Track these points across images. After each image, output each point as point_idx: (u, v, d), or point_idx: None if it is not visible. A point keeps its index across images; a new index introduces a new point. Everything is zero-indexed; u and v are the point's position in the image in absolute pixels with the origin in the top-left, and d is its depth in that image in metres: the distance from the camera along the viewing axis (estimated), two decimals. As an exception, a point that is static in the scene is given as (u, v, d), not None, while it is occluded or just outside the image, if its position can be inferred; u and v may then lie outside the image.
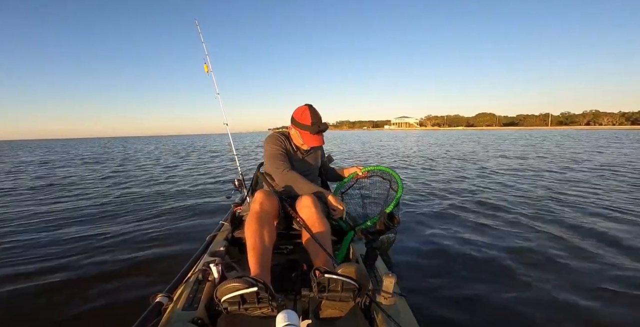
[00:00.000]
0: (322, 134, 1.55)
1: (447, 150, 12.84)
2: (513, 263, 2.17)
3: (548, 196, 4.13)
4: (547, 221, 3.06)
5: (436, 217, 3.30)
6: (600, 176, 5.59)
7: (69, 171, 8.67)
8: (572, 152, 10.38)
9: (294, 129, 1.57)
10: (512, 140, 20.36)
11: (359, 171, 1.77)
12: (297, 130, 1.55)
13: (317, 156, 1.75)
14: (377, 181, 1.80)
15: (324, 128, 1.51)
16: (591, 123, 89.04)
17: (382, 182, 1.76)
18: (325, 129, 1.52)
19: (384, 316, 0.95)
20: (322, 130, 1.52)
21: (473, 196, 4.21)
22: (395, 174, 1.68)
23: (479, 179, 5.65)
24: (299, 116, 1.53)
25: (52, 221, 3.45)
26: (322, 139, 1.56)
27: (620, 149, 11.21)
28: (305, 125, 1.50)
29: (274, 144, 1.59)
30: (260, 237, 1.20)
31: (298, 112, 1.55)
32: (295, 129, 1.57)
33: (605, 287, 1.85)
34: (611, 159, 8.18)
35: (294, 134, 1.61)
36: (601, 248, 2.39)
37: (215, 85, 2.64)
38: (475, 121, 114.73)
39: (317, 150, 1.75)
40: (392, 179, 1.68)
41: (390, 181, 1.70)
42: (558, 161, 8.03)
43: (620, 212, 3.30)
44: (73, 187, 5.75)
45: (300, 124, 1.52)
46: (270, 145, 1.60)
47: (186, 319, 0.94)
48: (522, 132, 46.63)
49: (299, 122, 1.53)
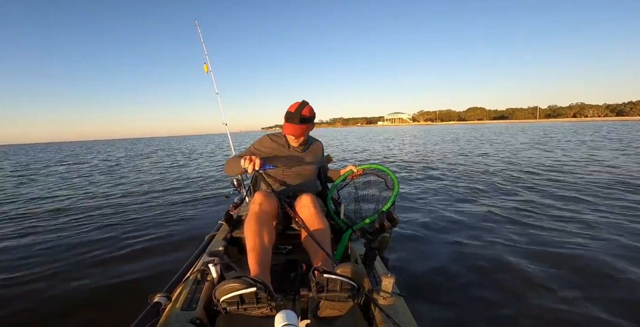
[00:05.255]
0: (303, 127, 1.52)
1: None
2: (513, 263, 2.18)
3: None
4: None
5: (435, 216, 3.31)
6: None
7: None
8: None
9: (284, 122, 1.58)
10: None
11: (354, 168, 1.76)
12: (285, 121, 1.55)
13: (314, 155, 1.74)
14: (373, 179, 1.78)
15: (303, 117, 1.48)
16: (577, 115, 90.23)
17: (378, 180, 1.75)
18: (306, 119, 1.49)
19: (382, 316, 0.95)
20: (303, 120, 1.49)
21: (474, 196, 4.22)
22: (390, 173, 1.66)
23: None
24: (288, 108, 1.54)
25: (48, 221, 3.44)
26: (300, 130, 1.52)
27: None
28: (289, 112, 1.51)
29: (256, 142, 1.67)
30: (259, 237, 1.21)
31: (291, 105, 1.56)
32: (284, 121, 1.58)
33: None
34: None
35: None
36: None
37: (214, 85, 2.64)
38: (466, 115, 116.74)
39: (315, 148, 1.75)
40: (388, 177, 1.67)
41: (385, 179, 1.69)
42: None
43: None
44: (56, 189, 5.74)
45: (286, 114, 1.53)
46: (253, 143, 1.68)
47: (185, 319, 0.94)
48: (509, 125, 48.04)
49: (286, 113, 1.53)
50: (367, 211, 1.70)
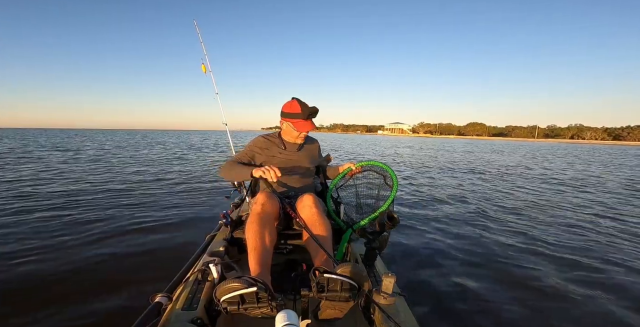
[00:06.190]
0: (312, 120, 1.58)
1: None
2: (512, 262, 2.18)
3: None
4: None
5: (433, 216, 3.31)
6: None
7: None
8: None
9: (286, 122, 1.60)
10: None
11: (352, 166, 1.75)
12: (289, 121, 1.57)
13: (311, 153, 1.74)
14: (371, 176, 1.75)
15: (314, 111, 1.53)
16: (575, 137, 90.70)
17: (377, 177, 1.72)
18: (315, 112, 1.54)
19: (383, 316, 0.95)
20: (312, 114, 1.54)
21: (473, 196, 4.21)
22: (389, 170, 1.63)
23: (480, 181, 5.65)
24: (288, 108, 1.57)
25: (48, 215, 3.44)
26: (314, 124, 1.58)
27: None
28: (296, 113, 1.54)
29: (251, 143, 1.66)
30: (261, 238, 1.21)
31: (286, 105, 1.58)
32: (286, 121, 1.59)
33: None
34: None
35: (286, 128, 1.62)
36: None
37: (214, 85, 2.64)
38: (466, 130, 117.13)
39: (310, 146, 1.75)
40: (387, 175, 1.65)
41: (384, 177, 1.67)
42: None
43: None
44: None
45: (291, 114, 1.55)
46: (248, 144, 1.67)
47: (186, 319, 0.94)
48: (509, 142, 47.56)
49: (290, 113, 1.56)
50: (367, 211, 1.69)
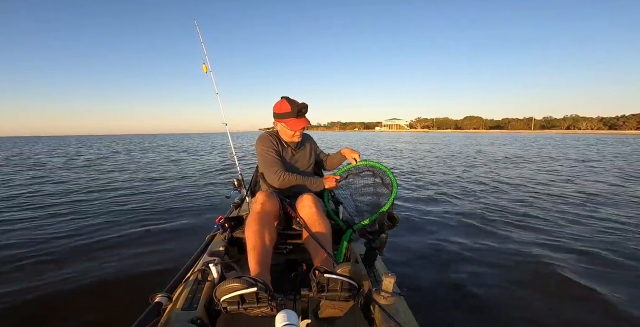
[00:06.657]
0: (305, 117, 1.58)
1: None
2: (512, 263, 2.18)
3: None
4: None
5: (433, 216, 3.31)
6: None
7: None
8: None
9: (279, 123, 1.60)
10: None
11: (357, 157, 1.74)
12: (282, 121, 1.57)
13: (308, 152, 1.75)
14: (369, 177, 1.75)
15: (303, 106, 1.53)
16: (571, 127, 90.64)
17: (375, 178, 1.72)
18: (305, 108, 1.54)
19: (383, 316, 0.95)
20: (302, 111, 1.54)
21: (468, 193, 4.21)
22: (388, 171, 1.63)
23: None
24: (278, 108, 1.57)
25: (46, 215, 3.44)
26: (307, 120, 1.58)
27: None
28: (287, 112, 1.53)
29: (264, 146, 1.61)
30: (261, 237, 1.21)
31: (277, 105, 1.58)
32: (279, 122, 1.59)
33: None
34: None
35: (280, 128, 1.62)
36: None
37: (214, 85, 2.64)
38: (463, 124, 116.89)
39: (306, 144, 1.75)
40: (386, 176, 1.65)
41: (382, 178, 1.67)
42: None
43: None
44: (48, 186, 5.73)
45: (282, 114, 1.55)
46: (262, 147, 1.62)
47: (186, 319, 0.94)
48: (505, 135, 47.59)
49: (281, 113, 1.55)
50: (366, 211, 1.69)
